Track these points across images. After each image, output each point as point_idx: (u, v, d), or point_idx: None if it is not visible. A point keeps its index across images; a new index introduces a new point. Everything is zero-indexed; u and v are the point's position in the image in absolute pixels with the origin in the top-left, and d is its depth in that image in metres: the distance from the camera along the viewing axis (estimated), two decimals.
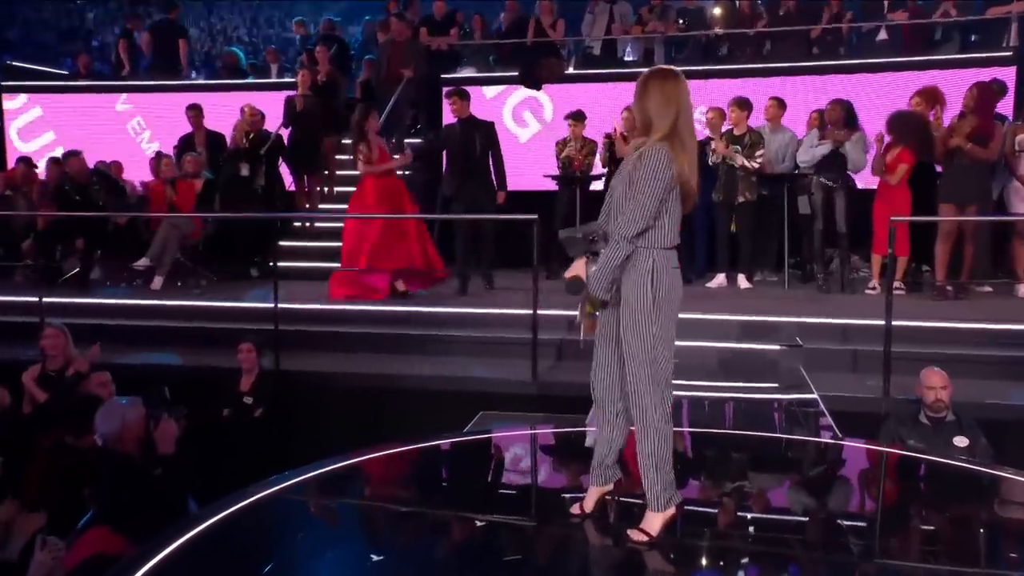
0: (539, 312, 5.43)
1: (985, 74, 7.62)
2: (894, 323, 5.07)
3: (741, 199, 6.98)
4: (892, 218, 5.49)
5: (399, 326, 6.28)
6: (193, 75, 11.30)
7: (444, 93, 7.76)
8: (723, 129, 7.26)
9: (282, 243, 7.82)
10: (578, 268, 2.75)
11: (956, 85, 7.48)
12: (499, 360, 5.77)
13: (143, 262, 7.42)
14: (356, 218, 6.84)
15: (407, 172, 8.99)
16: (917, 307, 6.10)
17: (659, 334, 2.66)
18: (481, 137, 7.14)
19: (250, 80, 10.42)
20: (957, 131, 6.44)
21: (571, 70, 9.40)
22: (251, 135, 8.09)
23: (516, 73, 8.91)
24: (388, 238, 6.68)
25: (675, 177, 2.64)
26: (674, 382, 2.77)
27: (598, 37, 9.77)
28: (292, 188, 8.84)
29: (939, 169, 6.77)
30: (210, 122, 8.65)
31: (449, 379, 5.55)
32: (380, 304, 6.63)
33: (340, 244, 8.05)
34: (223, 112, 8.77)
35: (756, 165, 6.94)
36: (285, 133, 8.49)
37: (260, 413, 5.29)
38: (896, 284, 6.41)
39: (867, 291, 6.77)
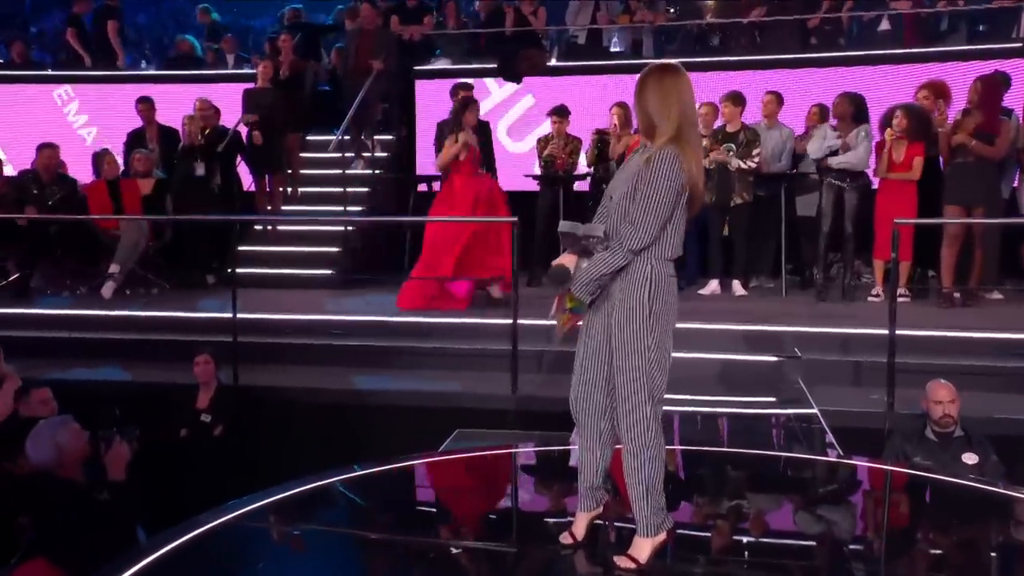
0: (519, 322, 5.43)
1: (993, 67, 7.70)
2: (898, 332, 5.10)
3: (738, 200, 7.00)
4: (896, 220, 5.50)
5: (368, 337, 6.26)
6: (144, 65, 11.22)
7: (459, 96, 7.72)
8: (715, 126, 7.32)
9: (241, 248, 7.76)
10: (566, 259, 2.73)
11: (963, 78, 7.58)
12: (476, 373, 5.76)
13: (114, 268, 7.33)
14: (437, 221, 6.67)
15: (377, 172, 9.00)
16: (922, 315, 6.16)
17: (655, 348, 2.66)
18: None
19: (206, 71, 10.36)
20: (961, 128, 6.48)
21: (554, 62, 9.43)
22: (207, 131, 8.04)
23: (494, 65, 8.93)
24: (480, 246, 6.45)
25: (685, 184, 2.64)
26: (665, 396, 2.77)
27: (583, 26, 9.81)
28: (252, 189, 8.79)
29: (940, 169, 6.85)
30: (162, 116, 8.58)
31: (423, 394, 5.54)
32: (350, 314, 6.60)
33: (305, 249, 8.07)
34: (176, 105, 8.70)
35: (753, 165, 6.97)
36: (244, 129, 8.45)
37: (219, 432, 5.26)
38: (901, 291, 6.47)
39: (870, 298, 6.83)
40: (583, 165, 7.81)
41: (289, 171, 8.97)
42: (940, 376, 4.50)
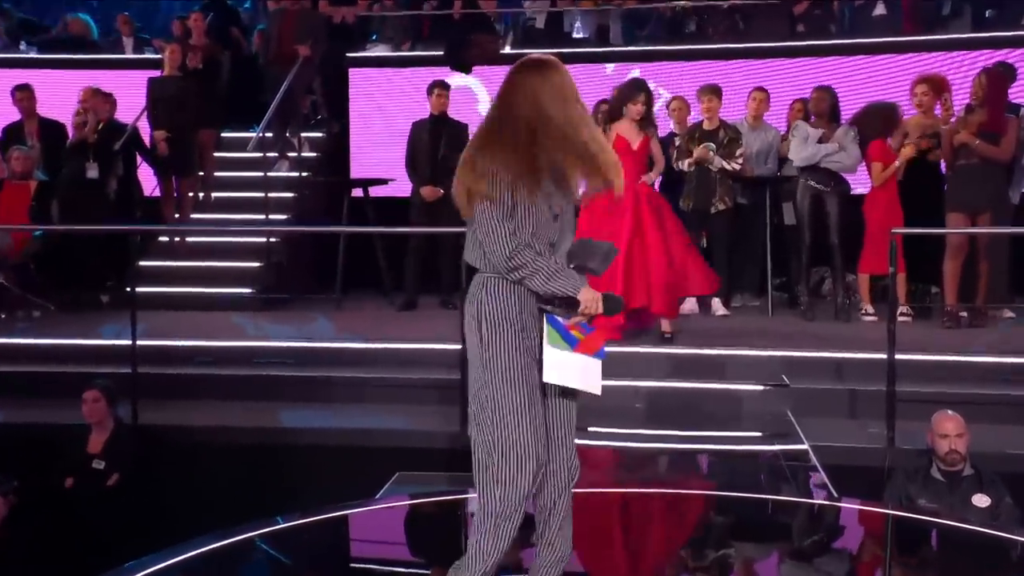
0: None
1: (1000, 57, 7.91)
2: (899, 357, 5.17)
3: (720, 207, 7.06)
4: (893, 230, 5.58)
5: (295, 367, 6.21)
6: (23, 47, 11.01)
7: (430, 84, 7.75)
8: (689, 122, 7.41)
9: (143, 263, 7.65)
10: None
11: (967, 70, 7.77)
12: (420, 407, 5.74)
13: None
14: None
15: (305, 174, 8.95)
16: (925, 337, 6.26)
17: None
18: (448, 138, 7.18)
19: (100, 56, 10.22)
20: (965, 126, 6.58)
21: (508, 49, 9.48)
22: (101, 126, 7.93)
23: (440, 53, 8.95)
24: (636, 259, 5.98)
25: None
26: (638, 431, 2.79)
27: (541, 9, 9.89)
28: (156, 194, 8.68)
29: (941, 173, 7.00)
30: (45, 108, 8.43)
31: (357, 432, 5.51)
32: (272, 339, 6.56)
33: (219, 264, 7.98)
34: (63, 96, 8.55)
35: (737, 167, 7.04)
36: (146, 125, 8.34)
37: (113, 481, 5.18)
38: (901, 309, 6.58)
39: (864, 317, 6.94)
40: None
41: (201, 173, 8.87)
42: (946, 406, 4.58)
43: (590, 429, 5.39)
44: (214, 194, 8.96)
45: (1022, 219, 7.10)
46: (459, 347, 5.43)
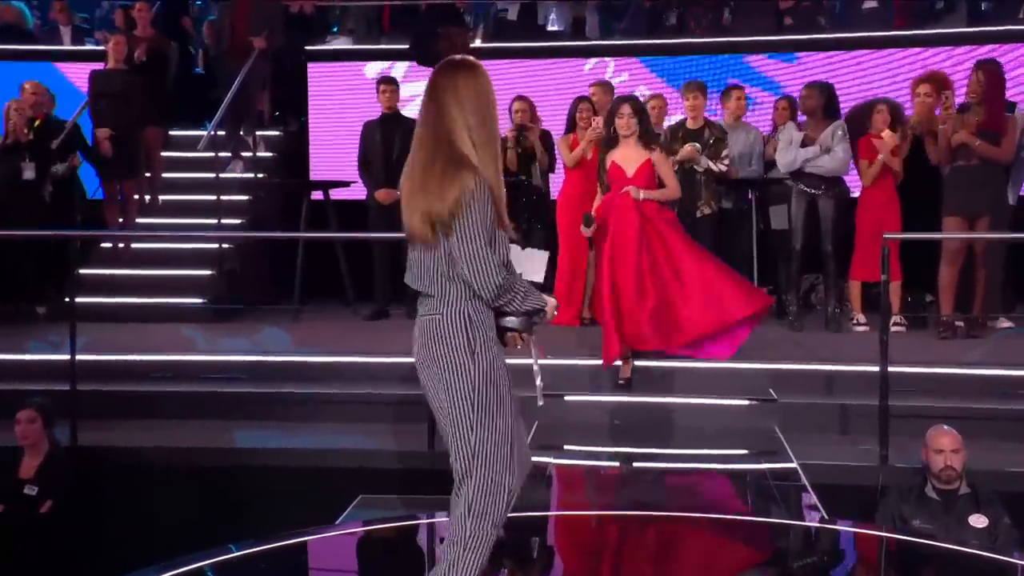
0: None
1: (998, 53, 8.01)
2: (891, 369, 5.22)
3: (706, 211, 7.07)
4: (885, 235, 5.61)
5: (250, 383, 6.19)
6: None
7: (378, 80, 7.77)
8: (665, 122, 7.45)
9: (83, 271, 7.59)
10: None
11: (958, 67, 7.88)
12: (384, 426, 5.73)
13: None
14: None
15: (260, 175, 8.91)
16: (920, 348, 6.33)
17: None
18: (402, 137, 7.22)
19: (36, 47, 10.13)
20: (963, 125, 6.60)
21: (478, 43, 9.51)
22: (37, 123, 7.86)
23: (406, 47, 8.97)
24: (651, 296, 5.65)
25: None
26: (617, 449, 2.80)
27: (514, 0, 9.92)
28: (99, 196, 8.62)
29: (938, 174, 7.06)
30: None
31: (316, 452, 5.49)
32: (225, 353, 6.53)
33: (168, 272, 7.94)
34: None
35: (724, 168, 7.08)
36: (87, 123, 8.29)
37: (48, 508, 5.11)
38: (894, 319, 6.64)
39: (855, 327, 7.01)
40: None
41: (147, 174, 8.82)
42: (942, 422, 4.61)
43: (566, 447, 5.40)
44: (161, 197, 8.90)
45: (1019, 223, 7.15)
46: None
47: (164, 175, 9.02)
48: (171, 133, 9.28)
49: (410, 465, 5.31)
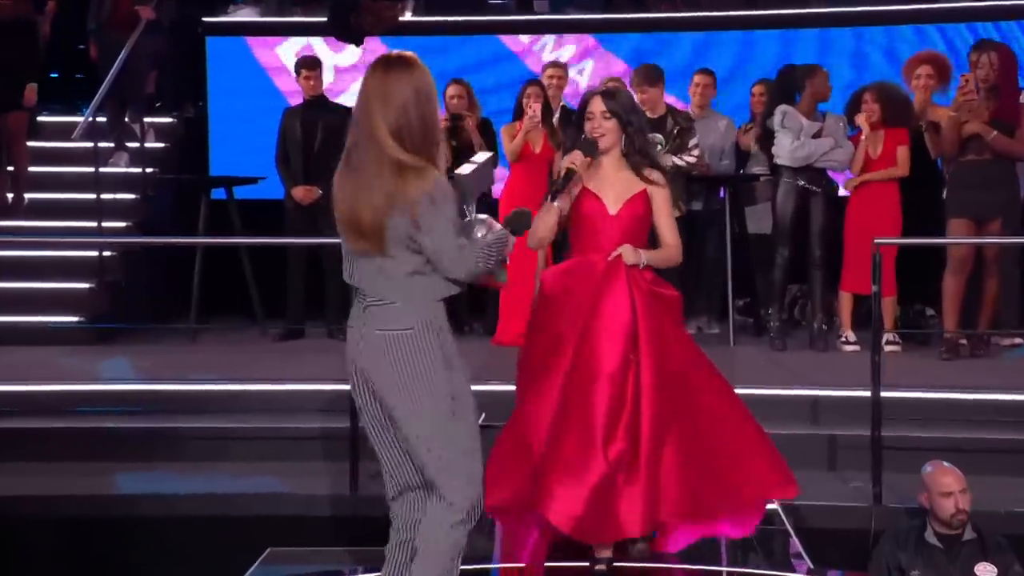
0: None
1: (999, 31, 8.21)
2: (885, 395, 5.25)
3: (675, 213, 7.11)
4: (875, 240, 5.56)
5: (133, 417, 6.14)
6: None
7: (297, 63, 7.76)
8: None
9: None
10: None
11: (964, 47, 8.02)
12: (298, 464, 5.71)
13: None
14: None
15: (150, 170, 8.82)
16: (918, 370, 6.42)
17: None
18: (326, 128, 7.23)
19: None
20: (974, 114, 6.65)
21: (409, 16, 9.51)
22: None
23: (323, 19, 8.92)
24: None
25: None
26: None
27: None
28: None
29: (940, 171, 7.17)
30: None
31: (217, 498, 5.44)
32: (108, 382, 6.48)
33: (36, 285, 7.85)
34: None
35: (691, 161, 7.13)
36: None
37: None
38: (888, 336, 6.74)
39: (843, 346, 7.09)
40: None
41: (10, 168, 8.72)
42: (943, 455, 4.69)
43: None
44: (28, 195, 8.81)
45: None
46: (345, 386, 5.41)
47: (31, 169, 8.91)
48: (39, 119, 9.16)
49: (328, 512, 5.30)
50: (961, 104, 6.77)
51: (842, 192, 7.45)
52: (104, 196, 8.22)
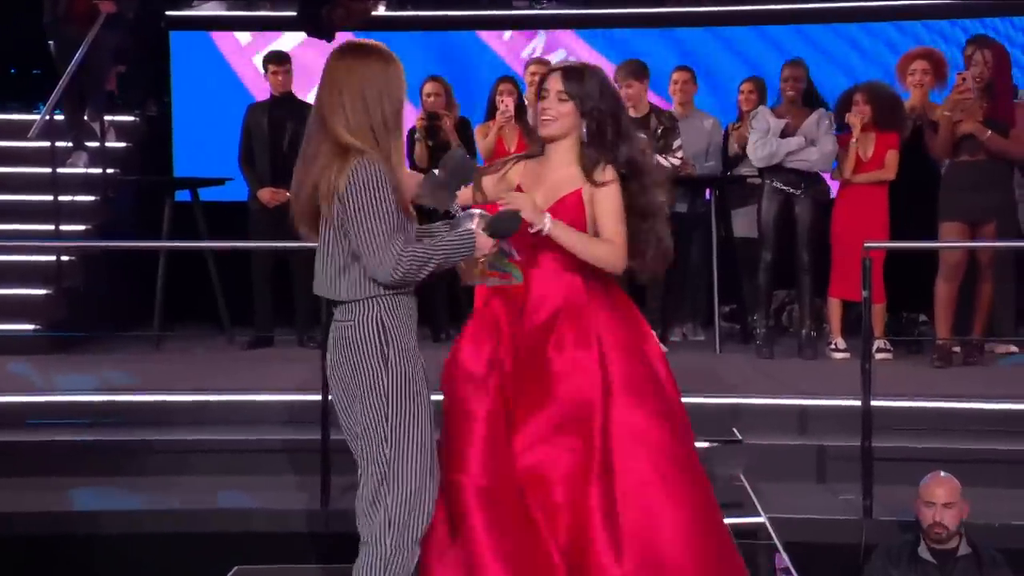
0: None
1: (995, 28, 8.28)
2: (875, 404, 5.27)
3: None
4: (866, 243, 5.58)
5: (93, 430, 6.11)
6: None
7: (264, 58, 7.78)
8: None
9: None
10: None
11: (958, 43, 8.10)
12: (267, 479, 5.71)
13: None
14: None
15: (111, 171, 8.82)
16: (910, 378, 6.46)
17: None
18: (294, 126, 7.22)
19: None
20: (968, 113, 6.67)
21: (382, 10, 9.52)
22: None
23: (293, 14, 8.94)
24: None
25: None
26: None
27: None
28: None
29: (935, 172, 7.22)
30: None
31: (182, 515, 5.43)
32: (65, 392, 6.46)
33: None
34: None
35: (676, 162, 7.16)
36: None
37: None
38: (879, 344, 6.79)
39: (832, 353, 7.15)
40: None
41: None
42: (937, 466, 4.71)
43: None
44: None
45: None
46: (316, 397, 5.43)
47: None
48: None
49: (299, 528, 5.29)
50: (955, 103, 6.77)
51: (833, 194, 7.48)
52: (62, 198, 8.18)
